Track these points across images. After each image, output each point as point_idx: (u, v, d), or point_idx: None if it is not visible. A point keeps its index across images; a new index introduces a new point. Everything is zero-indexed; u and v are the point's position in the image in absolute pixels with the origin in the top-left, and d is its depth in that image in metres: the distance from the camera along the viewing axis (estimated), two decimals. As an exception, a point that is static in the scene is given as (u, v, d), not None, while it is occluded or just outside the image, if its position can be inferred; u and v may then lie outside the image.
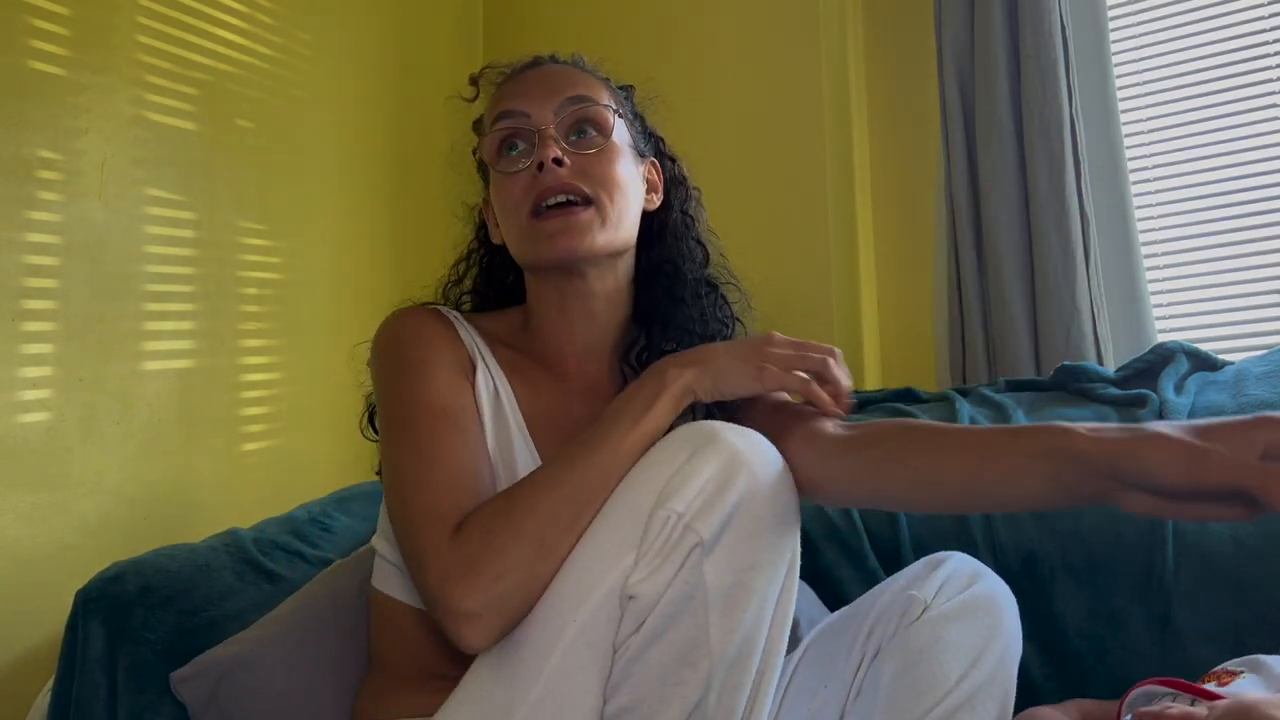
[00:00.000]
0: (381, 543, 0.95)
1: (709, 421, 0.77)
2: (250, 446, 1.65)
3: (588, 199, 0.91)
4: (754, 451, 0.75)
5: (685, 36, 1.99)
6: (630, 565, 0.70)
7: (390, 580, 0.92)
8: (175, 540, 1.27)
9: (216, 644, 1.05)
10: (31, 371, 1.35)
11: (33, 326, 1.36)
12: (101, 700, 1.04)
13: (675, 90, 2.02)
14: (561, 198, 0.91)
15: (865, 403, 1.58)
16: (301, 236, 1.78)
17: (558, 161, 0.90)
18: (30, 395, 1.35)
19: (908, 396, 1.56)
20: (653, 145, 1.06)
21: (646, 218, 1.01)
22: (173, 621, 1.07)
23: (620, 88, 1.05)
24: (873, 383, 1.87)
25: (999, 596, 0.91)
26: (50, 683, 1.11)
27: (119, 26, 1.49)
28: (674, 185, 1.05)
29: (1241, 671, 0.91)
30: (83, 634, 1.06)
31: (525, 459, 0.89)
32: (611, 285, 0.98)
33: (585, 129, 0.95)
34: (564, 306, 0.97)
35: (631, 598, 0.69)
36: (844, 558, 1.27)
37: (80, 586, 1.10)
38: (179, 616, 1.08)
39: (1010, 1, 1.70)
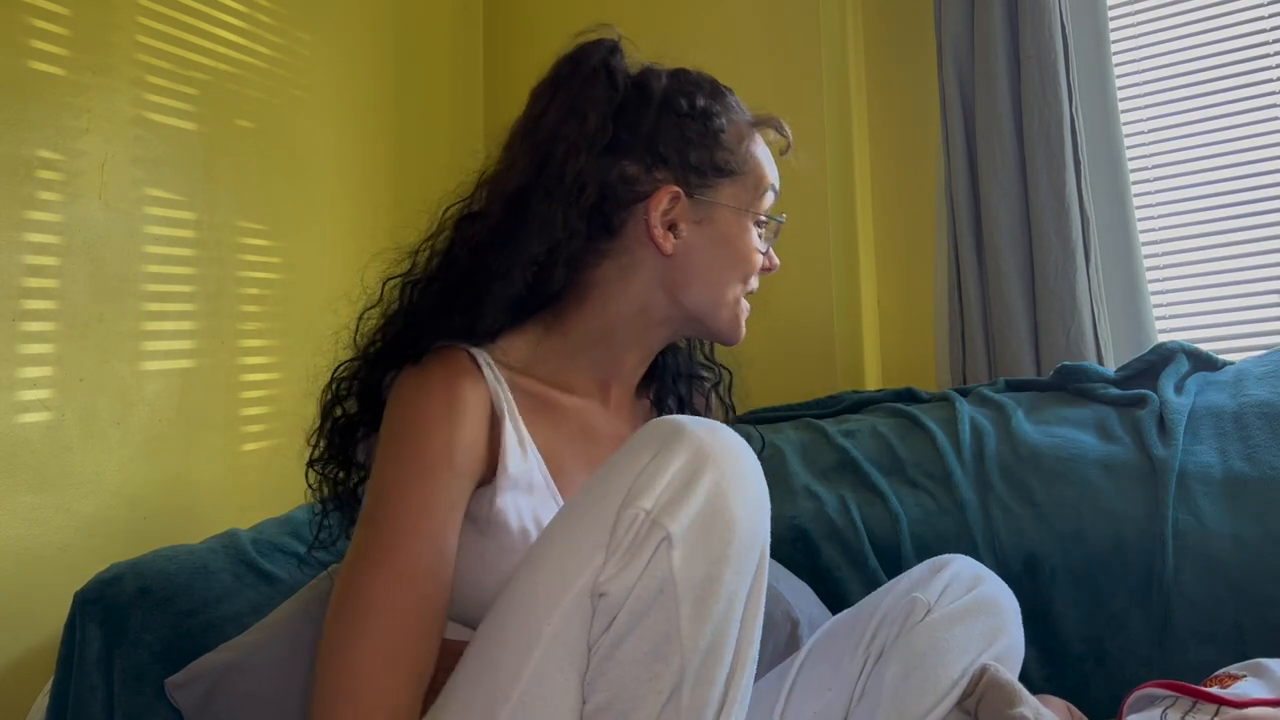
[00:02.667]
0: None
1: (675, 416, 0.77)
2: (250, 446, 1.65)
3: None
4: (720, 444, 0.74)
5: (685, 38, 1.99)
6: (600, 564, 0.71)
7: None
8: (175, 540, 1.27)
9: (214, 646, 1.05)
10: (31, 371, 1.35)
11: (33, 326, 1.36)
12: (99, 701, 1.04)
13: (675, 90, 2.02)
14: None
15: (866, 403, 1.58)
16: (301, 236, 1.78)
17: None
18: (30, 395, 1.35)
19: (908, 396, 1.56)
20: None
21: None
22: (170, 623, 1.07)
23: None
24: (873, 383, 1.87)
25: (1002, 599, 0.93)
26: (50, 683, 1.11)
27: (119, 26, 1.49)
28: None
29: (1244, 675, 0.91)
30: (80, 635, 1.06)
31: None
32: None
33: None
34: (651, 348, 0.97)
35: (602, 595, 0.70)
36: (844, 558, 1.27)
37: (79, 587, 1.10)
38: (176, 618, 1.08)
39: (1010, 1, 1.70)
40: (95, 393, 1.42)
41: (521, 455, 0.86)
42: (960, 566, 0.95)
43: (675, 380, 1.07)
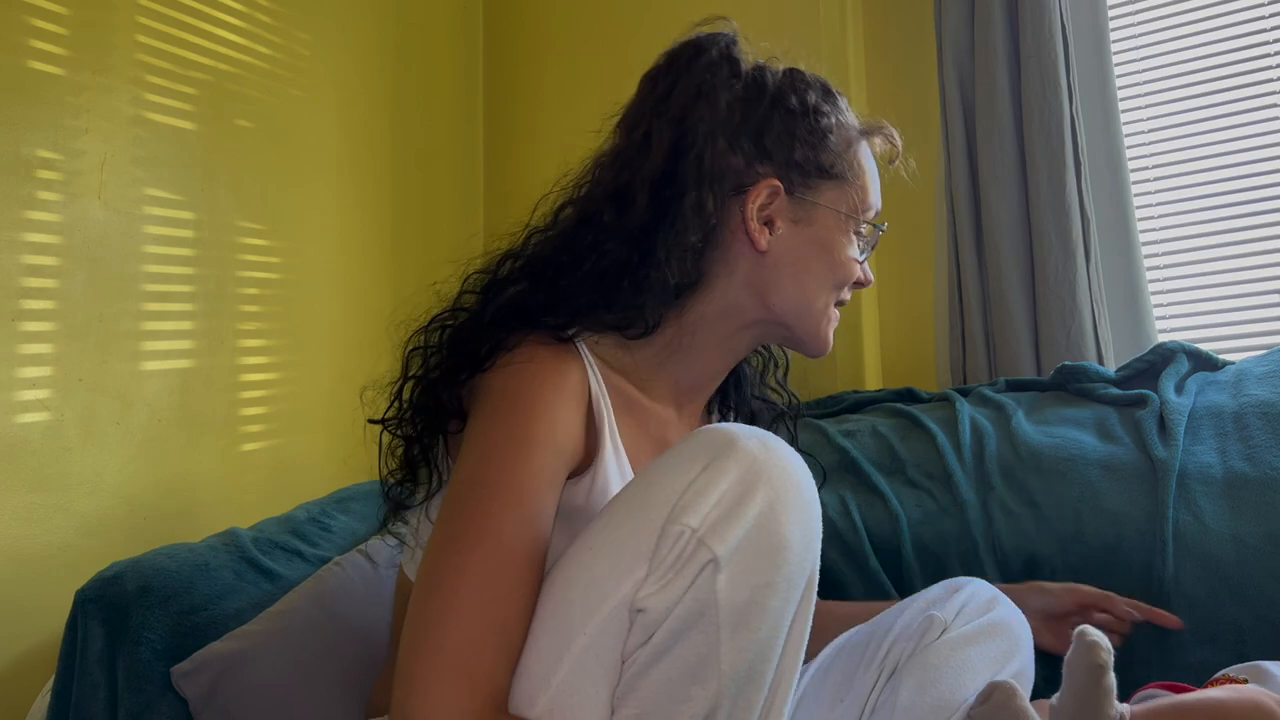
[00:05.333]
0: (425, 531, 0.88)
1: (728, 425, 0.73)
2: (250, 446, 1.65)
3: None
4: (774, 460, 0.71)
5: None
6: (641, 578, 0.68)
7: None
8: (175, 540, 1.27)
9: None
10: (31, 371, 1.35)
11: (33, 326, 1.36)
12: (101, 700, 1.04)
13: (675, 90, 2.01)
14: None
15: (866, 402, 1.58)
16: (301, 236, 1.78)
17: None
18: (30, 395, 1.35)
19: (908, 396, 1.56)
20: None
21: None
22: (172, 621, 1.08)
23: None
24: (873, 383, 1.87)
25: (1015, 623, 0.93)
26: (50, 682, 1.11)
27: (119, 26, 1.49)
28: None
29: (1244, 680, 0.91)
30: (82, 634, 1.06)
31: None
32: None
33: None
34: (734, 354, 0.96)
35: (641, 611, 0.68)
36: (844, 558, 1.27)
37: (80, 586, 1.10)
38: (178, 616, 1.08)
39: (1010, 1, 1.70)
40: (95, 393, 1.42)
41: (615, 452, 0.85)
42: (976, 589, 0.95)
43: (747, 402, 1.07)
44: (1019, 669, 0.91)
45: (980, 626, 0.90)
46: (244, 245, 1.67)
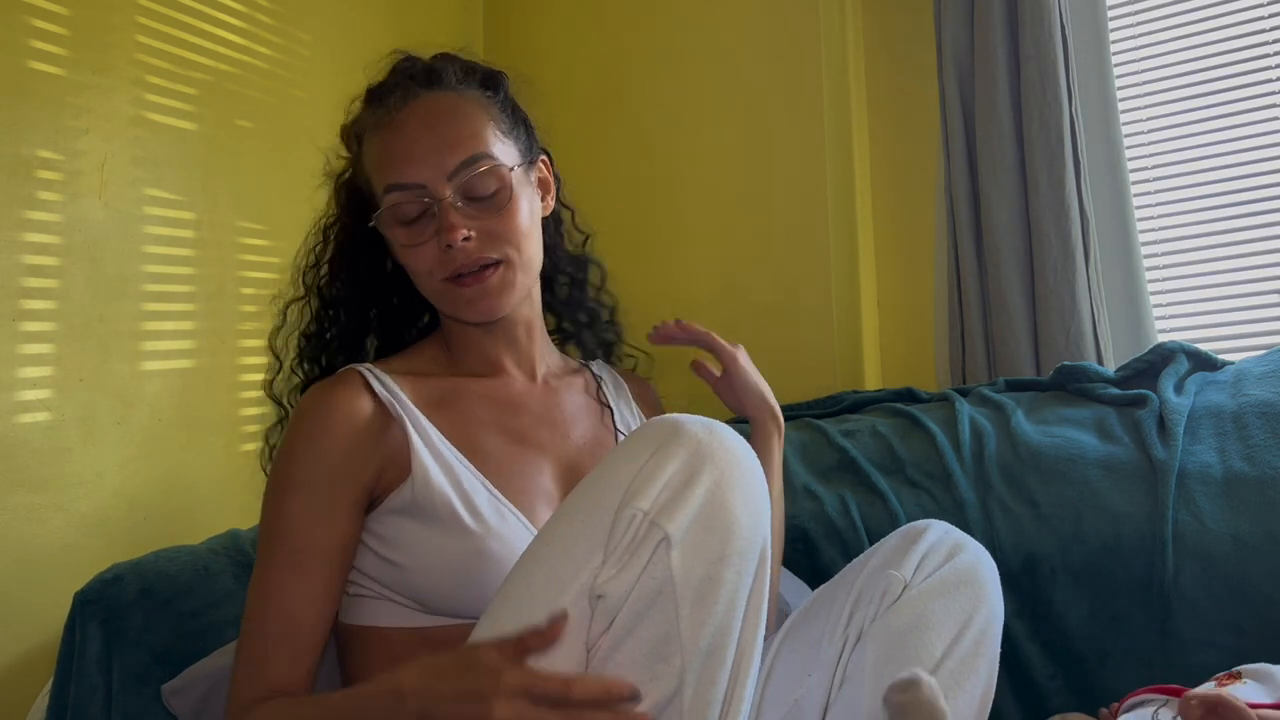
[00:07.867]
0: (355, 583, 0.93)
1: (673, 415, 0.78)
2: (250, 446, 1.65)
3: (499, 261, 0.94)
4: (719, 443, 0.75)
5: (685, 37, 1.99)
6: (598, 565, 0.71)
7: (378, 611, 0.90)
8: (175, 540, 1.27)
9: (214, 648, 1.06)
10: (31, 371, 1.35)
11: (33, 326, 1.36)
12: (99, 702, 1.04)
13: (675, 90, 2.02)
14: (475, 267, 0.93)
15: (866, 402, 1.58)
16: (301, 236, 1.78)
17: (466, 239, 0.92)
18: (30, 395, 1.35)
19: (908, 396, 1.56)
20: (536, 144, 1.06)
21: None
22: (171, 624, 1.07)
23: (489, 81, 1.02)
24: (873, 383, 1.87)
25: (981, 567, 0.90)
26: (50, 683, 1.11)
27: (119, 26, 1.49)
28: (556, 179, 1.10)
29: (1242, 678, 0.91)
30: (81, 635, 1.06)
31: (474, 486, 0.91)
32: (528, 311, 1.03)
33: (486, 191, 0.94)
34: (489, 336, 1.02)
35: (600, 597, 0.70)
36: (844, 558, 1.27)
37: (79, 587, 1.10)
38: (177, 619, 1.08)
39: (1010, 1, 1.70)
40: (95, 393, 1.42)
41: (426, 444, 0.90)
42: (936, 536, 0.92)
43: (596, 348, 1.16)
44: (986, 618, 0.87)
45: (943, 578, 0.87)
46: (244, 245, 1.67)
